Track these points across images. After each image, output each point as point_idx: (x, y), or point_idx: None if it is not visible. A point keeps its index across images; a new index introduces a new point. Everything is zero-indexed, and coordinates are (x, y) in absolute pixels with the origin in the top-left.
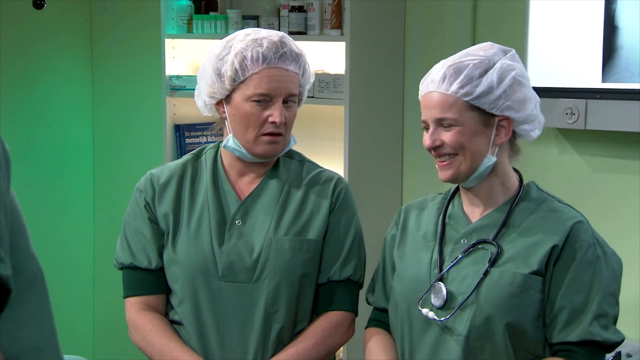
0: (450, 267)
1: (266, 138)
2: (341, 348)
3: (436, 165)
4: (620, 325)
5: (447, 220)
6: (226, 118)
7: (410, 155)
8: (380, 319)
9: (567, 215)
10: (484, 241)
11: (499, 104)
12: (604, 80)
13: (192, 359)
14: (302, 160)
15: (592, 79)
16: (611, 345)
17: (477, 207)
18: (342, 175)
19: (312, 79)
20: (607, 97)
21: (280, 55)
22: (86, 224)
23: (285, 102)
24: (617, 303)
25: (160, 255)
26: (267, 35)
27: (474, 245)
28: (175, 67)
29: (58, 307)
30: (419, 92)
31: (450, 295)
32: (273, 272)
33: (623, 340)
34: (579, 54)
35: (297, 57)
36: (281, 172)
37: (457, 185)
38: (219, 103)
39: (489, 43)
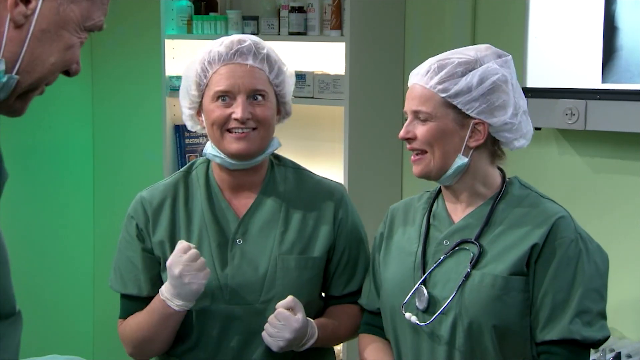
0: (433, 270)
1: (232, 134)
2: (341, 348)
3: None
4: (620, 325)
5: (431, 220)
6: (204, 127)
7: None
8: (373, 323)
9: (549, 212)
10: (466, 241)
11: (474, 106)
12: (603, 80)
13: (153, 302)
14: (297, 168)
15: (592, 80)
16: (594, 343)
17: (459, 206)
18: (342, 177)
19: (287, 76)
20: (607, 98)
21: (236, 50)
22: (86, 225)
23: (253, 98)
24: (602, 299)
25: (154, 284)
26: (231, 37)
27: (456, 245)
28: (175, 67)
29: (58, 307)
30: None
31: (433, 299)
32: (281, 291)
33: (608, 337)
34: (579, 54)
35: (258, 52)
36: (278, 183)
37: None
38: (198, 114)
39: (486, 45)
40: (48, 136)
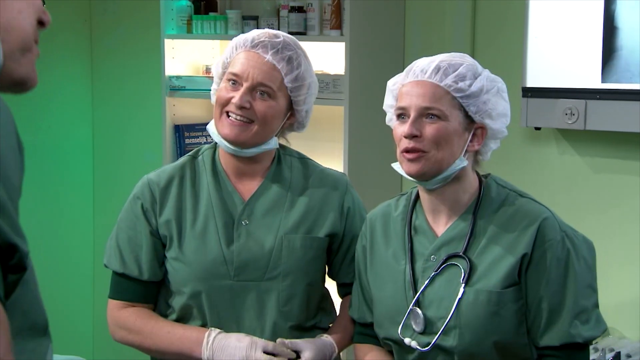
0: (425, 288)
1: (228, 119)
2: None
3: (400, 159)
4: (620, 325)
5: (412, 233)
6: None
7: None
8: (367, 333)
9: (532, 215)
10: (455, 255)
11: (482, 110)
12: (603, 80)
13: (184, 329)
14: (302, 157)
15: (592, 80)
16: (594, 339)
17: (440, 216)
18: None
19: (308, 87)
20: (607, 98)
21: (261, 42)
22: (86, 225)
23: (258, 92)
24: (594, 291)
25: (152, 267)
26: (270, 30)
27: (444, 261)
28: (175, 67)
29: (58, 307)
30: (396, 81)
31: (429, 321)
32: (286, 270)
33: (605, 330)
34: (579, 54)
35: (282, 51)
36: (284, 170)
37: (417, 190)
38: None
39: (464, 54)
40: (48, 136)
